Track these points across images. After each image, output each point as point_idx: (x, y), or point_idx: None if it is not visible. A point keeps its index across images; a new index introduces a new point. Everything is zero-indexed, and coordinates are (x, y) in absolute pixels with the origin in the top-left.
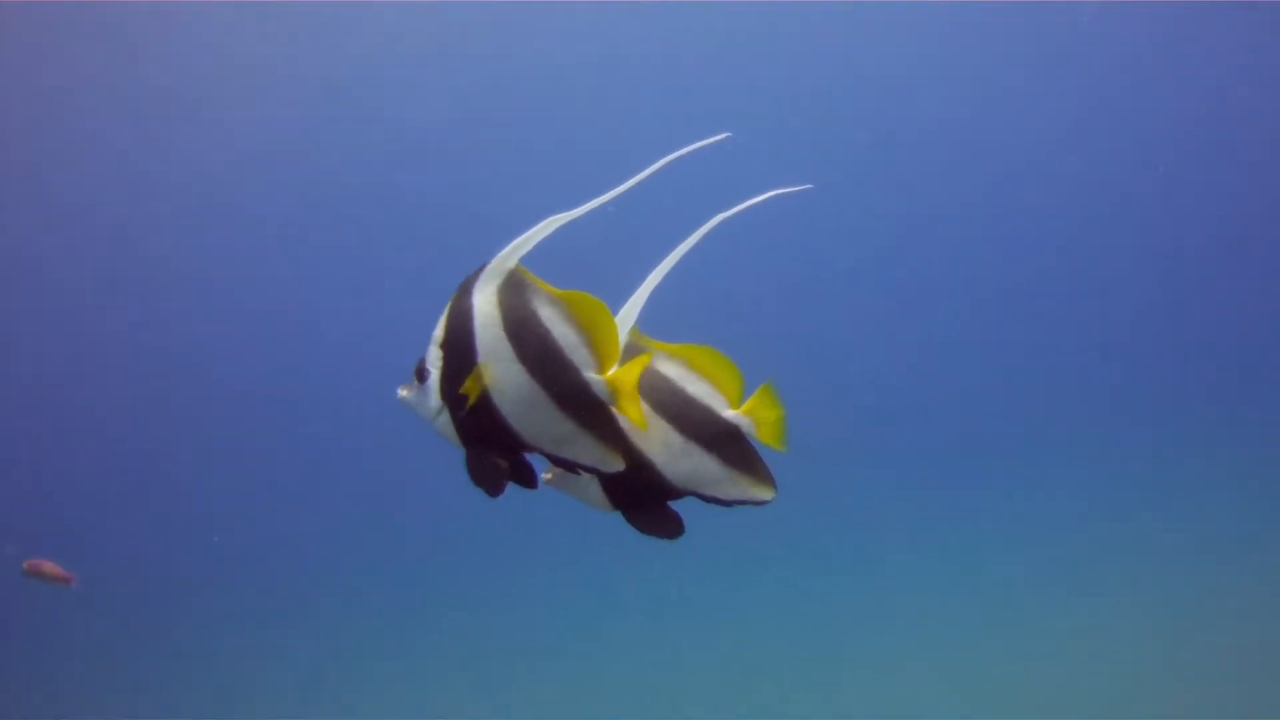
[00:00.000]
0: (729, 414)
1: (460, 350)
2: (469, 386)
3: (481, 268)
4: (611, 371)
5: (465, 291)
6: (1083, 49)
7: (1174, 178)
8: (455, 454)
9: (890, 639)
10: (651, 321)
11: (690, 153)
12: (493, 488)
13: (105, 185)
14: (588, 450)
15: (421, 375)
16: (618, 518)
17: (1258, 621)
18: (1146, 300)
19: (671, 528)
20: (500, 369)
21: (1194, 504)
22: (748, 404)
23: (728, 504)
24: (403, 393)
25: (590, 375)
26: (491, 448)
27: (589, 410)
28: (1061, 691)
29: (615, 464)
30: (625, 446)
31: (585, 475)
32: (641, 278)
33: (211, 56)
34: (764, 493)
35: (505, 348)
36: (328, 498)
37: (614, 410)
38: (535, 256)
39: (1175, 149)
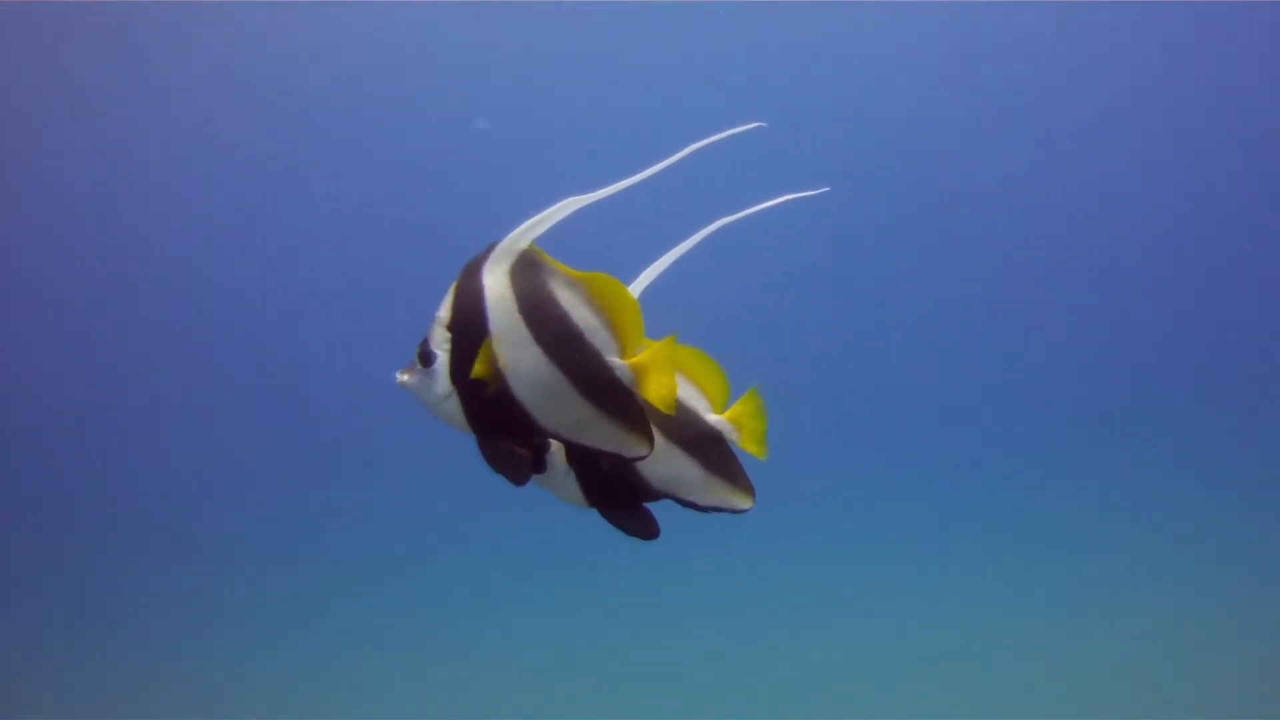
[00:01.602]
0: (712, 418)
1: (473, 332)
2: (481, 371)
3: (489, 248)
4: (635, 356)
5: (473, 272)
6: (1075, 42)
7: (1178, 173)
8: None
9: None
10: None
11: (716, 142)
12: (516, 475)
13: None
14: (610, 436)
15: (426, 359)
16: (593, 514)
17: (1254, 624)
18: (1146, 294)
19: (648, 527)
20: (516, 352)
21: (1186, 506)
22: (732, 409)
23: (704, 510)
24: (403, 377)
25: (613, 360)
26: (502, 434)
27: (612, 395)
28: (1058, 694)
29: (640, 449)
30: (650, 432)
31: (563, 470)
32: (635, 274)
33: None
34: (742, 501)
35: (521, 330)
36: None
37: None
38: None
39: (1175, 144)
